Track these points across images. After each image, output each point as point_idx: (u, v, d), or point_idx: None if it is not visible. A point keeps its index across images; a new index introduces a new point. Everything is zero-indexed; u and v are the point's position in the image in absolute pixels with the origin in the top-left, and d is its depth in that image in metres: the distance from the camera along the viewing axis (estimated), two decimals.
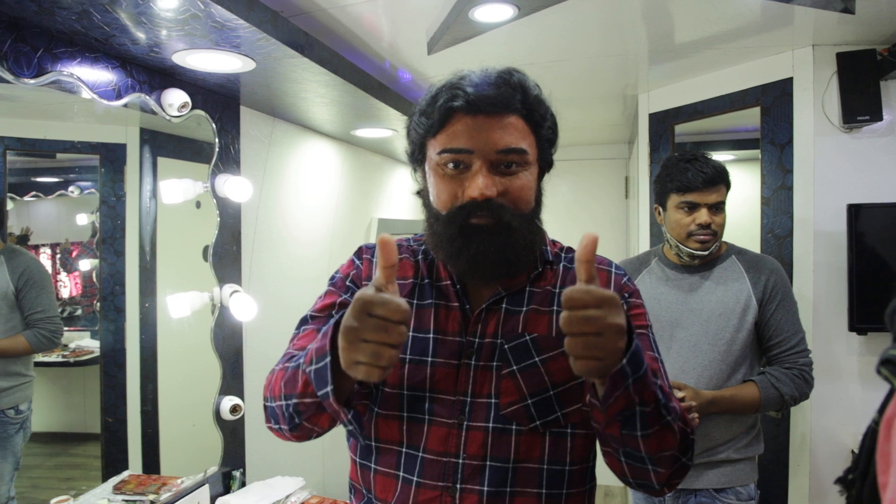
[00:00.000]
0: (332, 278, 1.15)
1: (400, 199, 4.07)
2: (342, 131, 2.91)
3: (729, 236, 1.87)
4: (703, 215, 1.74)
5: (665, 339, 1.80)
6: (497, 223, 0.96)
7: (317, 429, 1.00)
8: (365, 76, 2.19)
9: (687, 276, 1.84)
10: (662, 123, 2.83)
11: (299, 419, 0.97)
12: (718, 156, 4.39)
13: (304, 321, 1.12)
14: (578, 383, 1.01)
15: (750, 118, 2.57)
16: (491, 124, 0.95)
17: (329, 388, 0.86)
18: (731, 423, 1.77)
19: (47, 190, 1.77)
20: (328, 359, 0.86)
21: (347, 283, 1.12)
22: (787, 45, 2.26)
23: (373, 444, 1.06)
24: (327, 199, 3.06)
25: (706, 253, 1.78)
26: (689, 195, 1.75)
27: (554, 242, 1.15)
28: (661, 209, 1.86)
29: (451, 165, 0.97)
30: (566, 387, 1.00)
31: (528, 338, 1.02)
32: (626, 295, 1.08)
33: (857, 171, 2.20)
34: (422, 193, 1.08)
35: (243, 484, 2.21)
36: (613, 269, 1.11)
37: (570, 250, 1.15)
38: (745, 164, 2.68)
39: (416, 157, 1.06)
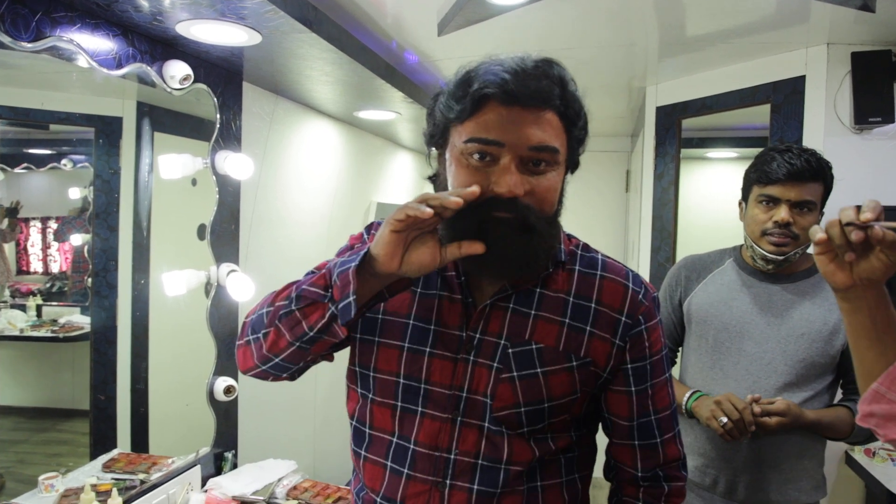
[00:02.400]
0: (340, 250, 1.14)
1: (399, 184, 4.04)
2: (345, 112, 2.86)
3: (733, 237, 1.75)
4: (781, 212, 1.51)
5: (732, 351, 1.60)
6: (520, 221, 0.90)
7: (305, 322, 0.91)
8: (372, 56, 2.15)
9: (766, 284, 1.61)
10: (670, 117, 2.80)
11: (295, 305, 0.92)
12: (722, 152, 4.38)
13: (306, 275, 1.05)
14: (572, 399, 1.00)
15: (759, 115, 2.54)
16: (526, 118, 0.88)
17: (356, 263, 0.86)
18: (801, 456, 1.58)
19: (39, 162, 1.73)
20: (361, 255, 0.87)
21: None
22: (801, 42, 2.23)
23: (367, 430, 1.05)
24: (327, 180, 3.02)
25: (782, 258, 1.55)
26: (769, 188, 1.53)
27: (570, 238, 1.08)
28: (743, 204, 1.65)
29: (476, 156, 0.90)
30: (561, 402, 0.99)
31: (534, 347, 0.98)
32: (641, 318, 1.02)
33: (866, 173, 2.17)
34: (436, 179, 1.03)
35: (235, 465, 2.19)
36: (631, 284, 1.04)
37: (586, 248, 1.09)
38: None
39: (437, 141, 0.99)
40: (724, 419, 1.46)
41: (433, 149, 1.02)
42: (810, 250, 1.64)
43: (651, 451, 1.06)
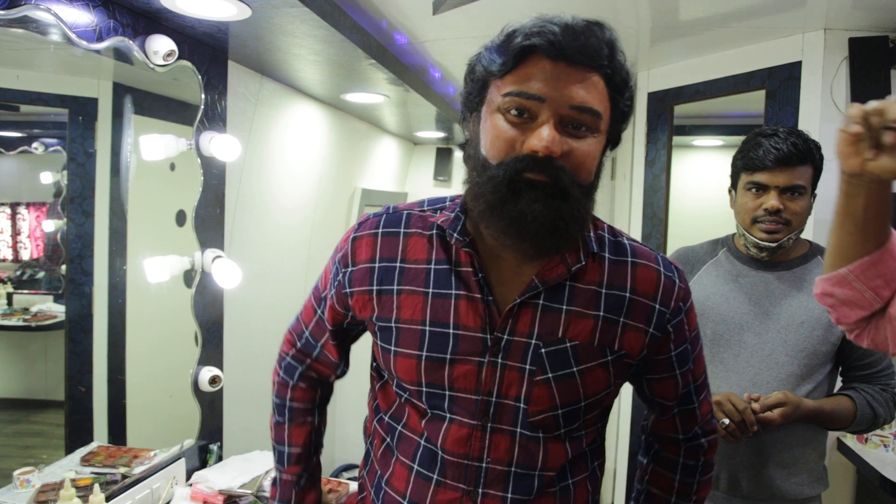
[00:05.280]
0: (334, 253, 1.09)
1: (384, 170, 3.97)
2: (331, 95, 2.78)
3: (721, 225, 1.73)
4: (771, 199, 1.48)
5: (732, 344, 1.57)
6: (554, 184, 0.83)
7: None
8: (364, 34, 2.07)
9: (762, 272, 1.59)
10: (662, 103, 2.78)
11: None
12: (709, 140, 4.37)
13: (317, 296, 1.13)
14: (606, 394, 0.97)
15: (748, 103, 2.52)
16: (570, 75, 0.82)
17: None
18: (803, 449, 1.55)
19: (9, 145, 1.66)
20: None
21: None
22: (797, 27, 2.21)
23: (399, 427, 1.01)
24: (312, 164, 2.94)
25: (774, 245, 1.52)
26: (757, 175, 1.50)
27: (595, 221, 1.01)
28: (733, 192, 1.62)
29: (514, 111, 0.84)
30: (596, 398, 0.96)
31: (568, 345, 0.92)
32: (682, 305, 0.99)
33: None
34: (467, 145, 0.95)
35: (220, 458, 2.12)
36: (663, 269, 0.99)
37: (612, 231, 1.01)
38: None
39: (474, 101, 0.91)
40: (726, 421, 1.44)
41: (467, 114, 0.95)
42: (804, 235, 1.64)
43: (690, 415, 1.08)
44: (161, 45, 1.70)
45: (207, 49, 2.00)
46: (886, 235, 0.93)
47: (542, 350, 0.92)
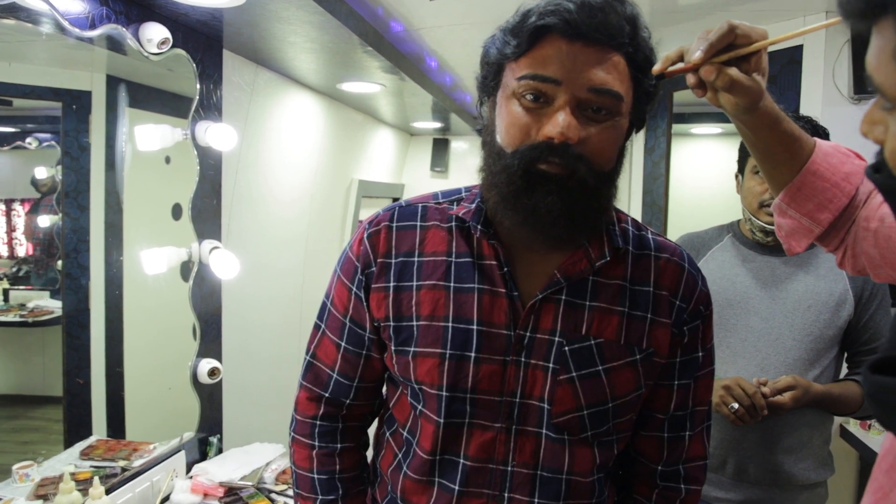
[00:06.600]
0: (342, 262, 1.01)
1: (380, 161, 3.94)
2: (327, 84, 2.75)
3: (721, 212, 1.72)
4: None
5: (739, 328, 1.56)
6: (569, 175, 0.79)
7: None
8: (360, 21, 2.04)
9: (768, 257, 1.58)
10: (661, 90, 2.76)
11: None
12: (707, 128, 4.35)
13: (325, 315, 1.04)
14: (637, 395, 0.92)
15: None
16: (588, 56, 0.77)
17: None
18: (810, 434, 1.54)
19: (2, 141, 1.65)
20: None
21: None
22: (798, 10, 2.18)
23: (414, 446, 0.95)
24: (308, 156, 2.92)
25: None
26: None
27: (618, 214, 0.95)
28: (740, 177, 1.61)
29: (529, 96, 0.79)
30: (625, 399, 0.91)
31: (592, 342, 0.88)
32: (702, 308, 0.95)
33: (864, 143, 2.14)
34: (484, 130, 0.91)
35: (220, 451, 2.11)
36: (687, 265, 0.95)
37: (636, 225, 0.97)
38: None
39: (489, 85, 0.87)
40: (735, 405, 1.43)
41: (484, 99, 0.91)
42: None
43: (677, 443, 1.00)
44: (155, 33, 1.68)
45: (202, 37, 1.97)
46: (800, 158, 0.89)
47: (566, 348, 0.88)
